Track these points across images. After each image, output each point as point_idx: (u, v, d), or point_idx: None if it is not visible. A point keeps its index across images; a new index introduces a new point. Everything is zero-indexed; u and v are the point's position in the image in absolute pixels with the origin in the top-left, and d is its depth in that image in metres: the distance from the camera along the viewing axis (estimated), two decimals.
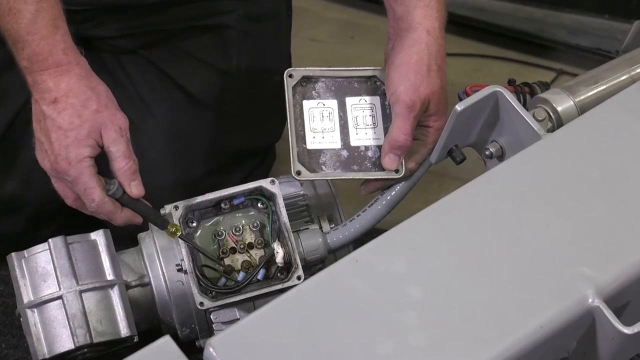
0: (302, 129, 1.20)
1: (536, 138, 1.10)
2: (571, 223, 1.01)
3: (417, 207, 1.03)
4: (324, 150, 1.21)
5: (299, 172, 1.19)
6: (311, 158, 1.20)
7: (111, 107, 1.15)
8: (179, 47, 1.45)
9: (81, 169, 1.13)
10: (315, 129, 1.21)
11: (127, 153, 1.15)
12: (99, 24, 1.43)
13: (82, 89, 1.13)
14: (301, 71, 1.22)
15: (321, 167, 1.20)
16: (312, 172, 1.19)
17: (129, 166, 1.14)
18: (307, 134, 1.21)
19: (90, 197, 1.14)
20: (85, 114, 1.13)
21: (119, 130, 1.14)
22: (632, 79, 1.21)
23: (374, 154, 1.21)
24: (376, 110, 1.23)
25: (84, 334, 1.17)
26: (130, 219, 1.17)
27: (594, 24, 1.95)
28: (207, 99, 1.44)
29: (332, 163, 1.20)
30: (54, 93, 1.13)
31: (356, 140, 1.21)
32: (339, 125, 1.22)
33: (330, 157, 1.21)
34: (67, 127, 1.12)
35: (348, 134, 1.22)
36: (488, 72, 1.98)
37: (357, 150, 1.21)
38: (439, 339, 0.92)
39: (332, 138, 1.21)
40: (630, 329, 0.93)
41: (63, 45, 1.14)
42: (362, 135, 1.22)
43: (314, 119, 1.21)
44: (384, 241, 0.99)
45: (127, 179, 1.15)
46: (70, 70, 1.14)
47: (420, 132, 1.20)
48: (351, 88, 1.23)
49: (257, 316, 0.93)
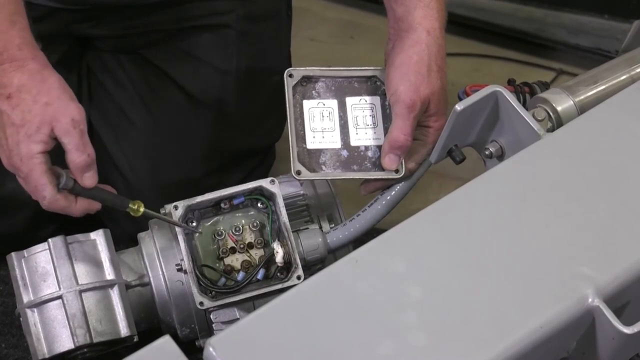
0: (302, 128, 1.20)
1: (536, 138, 1.10)
2: (571, 223, 1.01)
3: (417, 207, 1.03)
4: (324, 150, 1.21)
5: (299, 172, 1.19)
6: (311, 158, 1.20)
7: (64, 98, 1.13)
8: (179, 47, 1.45)
9: (32, 166, 1.12)
10: (315, 129, 1.21)
11: (79, 145, 1.12)
12: (99, 23, 1.43)
13: (33, 84, 1.12)
14: (301, 71, 1.22)
15: (321, 166, 1.20)
16: (312, 171, 1.19)
17: (82, 159, 1.12)
18: (307, 133, 1.21)
19: (41, 194, 1.13)
20: (35, 109, 1.11)
21: (71, 122, 1.11)
22: (632, 79, 1.21)
23: (374, 154, 1.21)
24: (376, 110, 1.23)
25: (84, 334, 1.17)
26: (86, 208, 1.16)
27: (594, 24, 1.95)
28: (206, 99, 1.44)
29: (332, 163, 1.20)
30: (8, 89, 1.12)
31: (356, 140, 1.21)
32: (339, 125, 1.22)
33: (330, 157, 1.21)
34: (19, 122, 1.11)
35: (348, 133, 1.22)
36: (488, 72, 1.98)
37: (357, 150, 1.21)
38: (438, 339, 0.92)
39: (332, 138, 1.21)
40: (630, 328, 0.93)
41: (19, 40, 1.13)
42: (362, 135, 1.22)
43: (314, 118, 1.21)
44: (383, 241, 0.99)
45: (80, 172, 1.13)
46: (24, 65, 1.12)
47: (420, 132, 1.20)
48: (351, 88, 1.23)
49: (257, 316, 0.93)
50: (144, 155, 1.45)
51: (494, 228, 1.00)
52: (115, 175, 1.47)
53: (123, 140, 1.47)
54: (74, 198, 1.15)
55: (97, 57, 1.48)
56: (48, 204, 1.13)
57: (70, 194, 1.14)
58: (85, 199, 1.15)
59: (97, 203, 1.16)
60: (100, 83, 1.48)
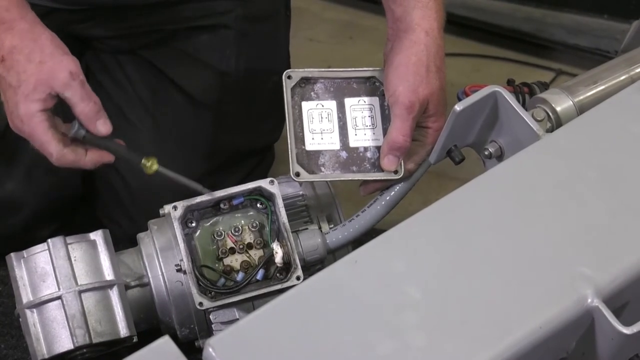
0: (300, 130, 1.20)
1: (535, 138, 1.10)
2: (570, 223, 1.01)
3: (416, 207, 1.03)
4: (323, 152, 1.21)
5: (297, 174, 1.18)
6: (310, 159, 1.20)
7: (57, 54, 1.13)
8: (178, 47, 1.45)
9: (33, 125, 1.12)
10: (314, 130, 1.21)
11: (83, 96, 1.13)
12: (98, 23, 1.43)
13: (24, 43, 1.12)
14: (300, 72, 1.22)
15: (320, 168, 1.20)
16: (311, 173, 1.19)
17: (90, 107, 1.13)
18: (306, 135, 1.20)
19: (48, 151, 1.13)
20: (30, 68, 1.11)
21: (69, 76, 1.11)
22: (631, 79, 1.21)
23: (373, 154, 1.21)
24: (375, 111, 1.23)
25: (83, 334, 1.17)
26: (97, 160, 1.16)
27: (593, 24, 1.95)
28: (205, 100, 1.44)
29: (331, 164, 1.20)
30: (0, 52, 1.12)
31: (355, 141, 1.21)
32: (337, 126, 1.22)
33: (330, 158, 1.20)
34: (16, 84, 1.12)
35: (347, 134, 1.22)
36: (487, 72, 1.98)
37: (356, 151, 1.21)
38: (438, 339, 0.92)
39: (331, 139, 1.21)
40: (630, 329, 0.93)
41: (5, 2, 1.13)
42: (361, 136, 1.22)
43: (312, 120, 1.21)
44: (383, 241, 0.99)
45: (92, 121, 1.13)
46: (13, 27, 1.13)
47: (419, 133, 1.20)
48: (350, 89, 1.23)
49: (256, 316, 0.93)
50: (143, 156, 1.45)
51: (493, 228, 1.00)
52: (115, 176, 1.47)
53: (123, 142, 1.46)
54: (83, 151, 1.15)
55: (96, 58, 1.48)
56: (56, 159, 1.14)
57: (78, 148, 1.14)
58: (96, 151, 1.15)
59: (109, 155, 1.16)
60: (100, 84, 1.48)
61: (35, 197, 1.41)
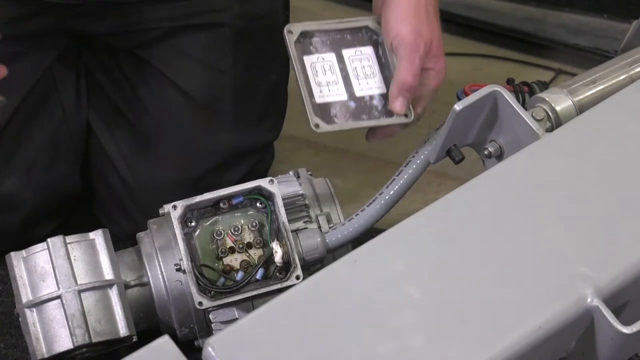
0: (308, 84, 1.20)
1: (535, 137, 1.10)
2: (570, 223, 1.01)
3: (416, 207, 1.03)
4: (332, 103, 1.20)
5: (317, 125, 1.17)
6: (323, 112, 1.19)
7: None
8: (175, 46, 1.45)
9: None
10: (320, 83, 1.20)
11: None
12: (95, 20, 1.43)
13: None
14: (299, 26, 1.21)
15: (333, 119, 1.19)
16: (328, 124, 1.18)
17: None
18: (314, 88, 1.19)
19: None
20: None
21: None
22: (631, 79, 1.21)
23: (379, 102, 1.21)
24: (372, 60, 1.23)
25: (83, 334, 1.17)
26: None
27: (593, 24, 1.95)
28: (203, 98, 1.44)
29: (342, 115, 1.20)
30: None
31: (360, 91, 1.21)
32: (341, 77, 1.21)
33: (340, 109, 1.20)
34: None
35: (351, 85, 1.21)
36: (487, 72, 1.98)
37: (363, 100, 1.21)
38: (437, 339, 0.92)
39: (338, 90, 1.20)
40: (629, 328, 0.93)
41: None
42: (365, 85, 1.21)
43: (317, 73, 1.20)
44: (382, 241, 0.99)
45: None
46: None
47: (422, 76, 1.20)
48: (345, 40, 1.23)
49: (256, 316, 0.93)
50: (142, 156, 1.45)
51: (493, 228, 1.00)
52: (114, 176, 1.47)
53: (121, 141, 1.47)
54: None
55: (95, 58, 1.48)
56: None
57: None
58: None
59: None
60: (98, 83, 1.48)
61: (33, 195, 1.41)
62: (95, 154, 1.50)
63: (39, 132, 1.43)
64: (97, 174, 1.50)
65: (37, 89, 1.41)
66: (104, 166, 1.49)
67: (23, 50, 1.40)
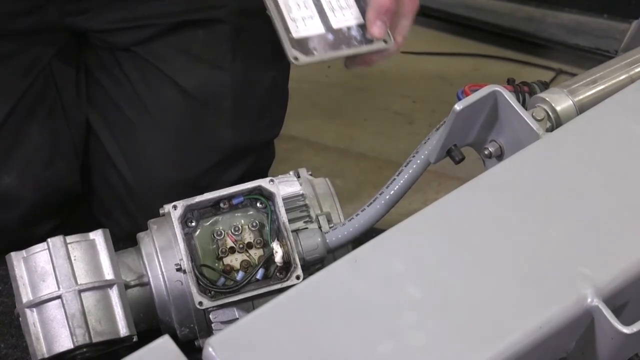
0: (283, 20, 1.19)
1: (535, 137, 1.10)
2: (570, 223, 1.01)
3: (416, 207, 1.03)
4: (310, 37, 1.19)
5: (296, 58, 1.17)
6: (301, 46, 1.18)
7: None
8: (174, 43, 1.45)
9: None
10: (295, 19, 1.19)
11: None
12: (94, 15, 1.43)
13: None
14: None
15: (312, 51, 1.19)
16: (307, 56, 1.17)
17: None
18: (290, 23, 1.19)
19: None
20: None
21: None
22: (631, 79, 1.21)
23: (357, 32, 1.20)
24: None
25: (83, 334, 1.17)
26: None
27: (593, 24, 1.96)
28: (202, 95, 1.44)
29: (321, 47, 1.18)
30: None
31: (337, 23, 1.20)
32: (316, 11, 1.21)
33: (318, 42, 1.19)
34: None
35: (327, 17, 1.20)
36: (487, 72, 1.98)
37: (341, 31, 1.20)
38: (437, 338, 0.92)
39: (314, 24, 1.20)
40: (629, 328, 0.93)
41: None
42: (341, 17, 1.21)
43: (291, 9, 1.20)
44: (383, 241, 0.99)
45: None
46: None
47: (397, 4, 1.19)
48: None
49: (256, 316, 0.93)
50: (142, 154, 1.45)
51: (493, 228, 1.00)
52: (114, 175, 1.47)
53: (121, 140, 1.47)
54: None
55: (94, 55, 1.48)
56: None
57: None
58: None
59: None
60: (97, 81, 1.48)
61: (32, 192, 1.41)
62: (95, 152, 1.50)
63: (38, 128, 1.43)
64: (96, 173, 1.50)
65: (35, 85, 1.41)
66: (104, 165, 1.48)
67: (21, 46, 1.40)
